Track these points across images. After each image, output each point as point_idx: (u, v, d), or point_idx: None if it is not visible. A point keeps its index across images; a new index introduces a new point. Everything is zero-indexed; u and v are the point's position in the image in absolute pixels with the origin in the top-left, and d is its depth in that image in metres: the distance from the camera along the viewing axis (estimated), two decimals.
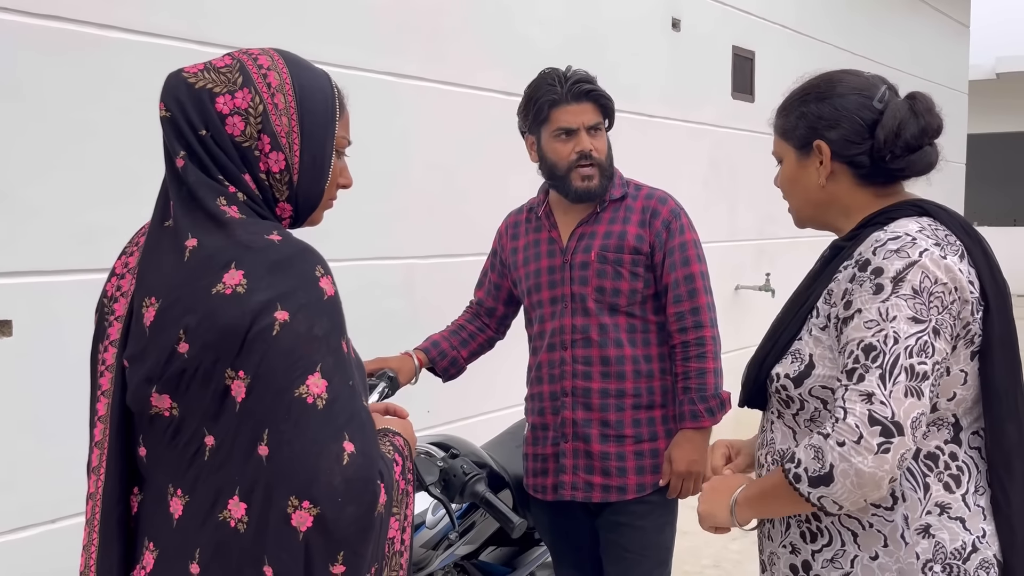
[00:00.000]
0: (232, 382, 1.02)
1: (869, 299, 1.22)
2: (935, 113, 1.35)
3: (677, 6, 4.57)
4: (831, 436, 1.19)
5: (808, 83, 1.41)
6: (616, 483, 2.02)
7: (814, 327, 1.32)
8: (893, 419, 1.17)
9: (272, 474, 1.00)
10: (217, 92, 1.09)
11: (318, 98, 1.16)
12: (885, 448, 1.16)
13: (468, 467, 1.60)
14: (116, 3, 2.36)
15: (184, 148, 1.09)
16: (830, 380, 1.29)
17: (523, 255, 2.14)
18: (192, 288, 1.03)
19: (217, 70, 1.11)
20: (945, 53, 8.18)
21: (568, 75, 2.02)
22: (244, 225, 1.07)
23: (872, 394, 1.18)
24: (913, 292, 1.20)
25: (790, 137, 1.39)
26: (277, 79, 1.12)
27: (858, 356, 1.21)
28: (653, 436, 2.04)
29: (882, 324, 1.20)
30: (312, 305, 1.03)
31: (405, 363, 2.08)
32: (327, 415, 1.00)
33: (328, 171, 1.18)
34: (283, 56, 1.16)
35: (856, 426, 1.17)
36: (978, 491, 1.29)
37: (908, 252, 1.22)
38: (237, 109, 1.09)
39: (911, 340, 1.19)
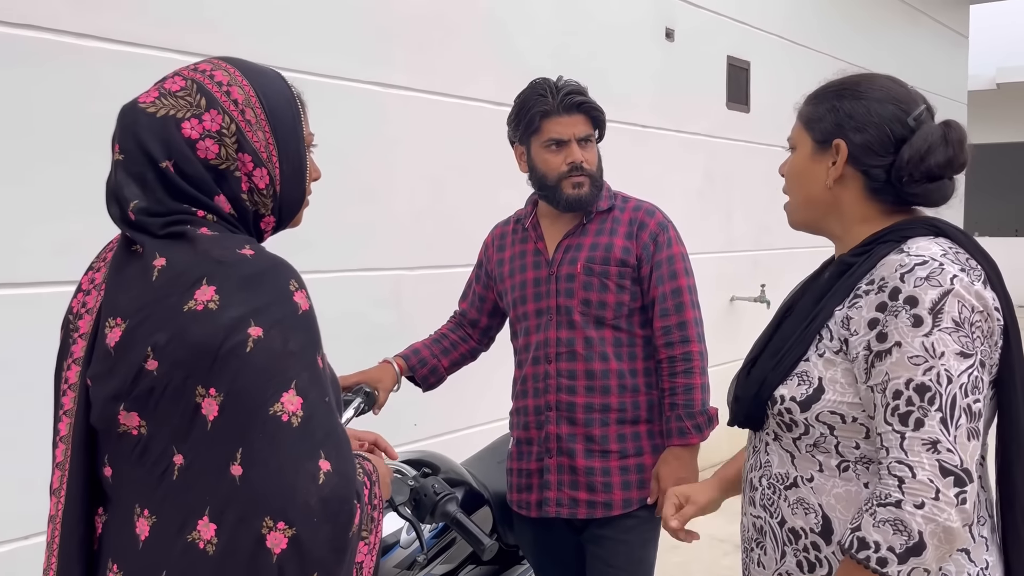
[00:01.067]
0: (203, 400, 0.99)
1: (909, 332, 1.15)
2: (965, 148, 1.27)
3: (671, 16, 4.55)
4: (905, 500, 1.11)
5: (848, 78, 1.34)
6: (602, 499, 2.00)
7: (826, 350, 1.25)
8: (963, 467, 1.12)
9: (246, 494, 0.97)
10: (181, 117, 1.06)
11: (283, 103, 1.14)
12: (963, 499, 1.11)
13: (440, 487, 1.56)
14: (94, 12, 2.34)
15: (138, 193, 1.05)
16: (840, 406, 1.23)
17: (509, 267, 2.12)
18: (162, 306, 1.01)
19: (174, 95, 1.08)
20: (944, 63, 8.15)
21: (560, 86, 2.00)
22: (214, 240, 1.05)
23: (937, 441, 1.12)
24: (955, 324, 1.15)
25: (812, 127, 1.31)
26: (241, 94, 1.10)
27: (911, 397, 1.14)
28: (638, 451, 2.01)
29: (931, 361, 1.14)
30: (286, 320, 1.01)
31: (385, 372, 2.05)
32: (303, 433, 0.98)
33: (307, 173, 1.17)
34: (237, 66, 1.13)
35: (931, 481, 1.11)
36: (980, 521, 1.24)
37: (939, 279, 1.16)
38: (208, 132, 1.07)
39: (964, 378, 1.14)
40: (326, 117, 2.93)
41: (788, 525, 1.29)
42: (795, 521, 1.28)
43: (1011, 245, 13.77)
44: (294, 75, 2.78)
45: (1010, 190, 14.61)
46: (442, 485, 1.57)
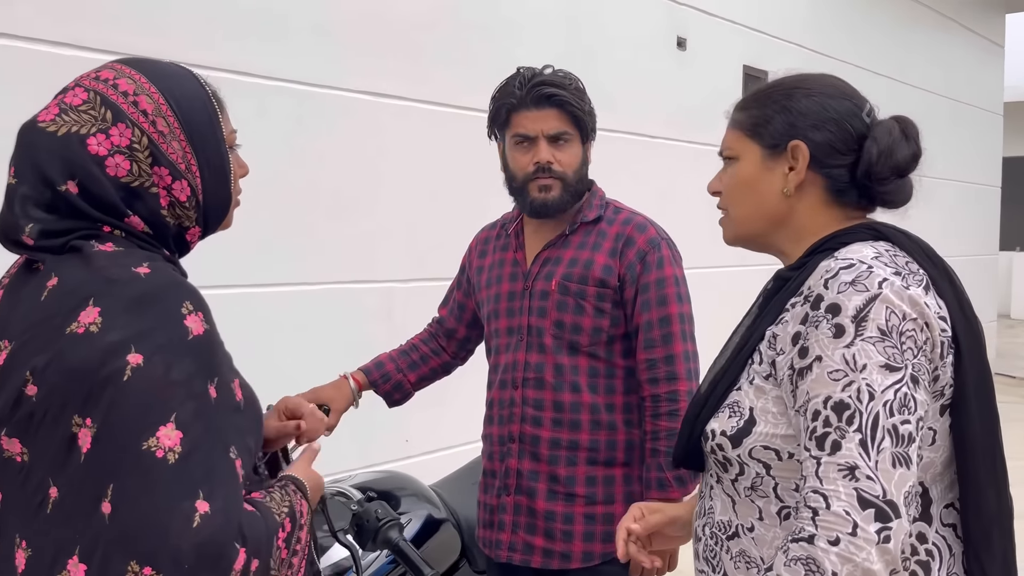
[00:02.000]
0: (79, 430, 0.93)
1: (829, 344, 1.02)
2: (920, 142, 1.18)
3: (683, 24, 4.45)
4: (818, 536, 0.97)
5: (787, 78, 1.22)
6: (560, 548, 1.80)
7: (756, 375, 1.12)
8: (886, 498, 0.97)
9: (113, 534, 0.91)
10: (86, 133, 1.00)
11: (197, 105, 1.07)
12: (886, 536, 0.96)
13: (383, 512, 1.49)
14: (70, 20, 2.32)
15: (37, 217, 0.99)
16: (773, 440, 1.09)
17: (487, 276, 1.95)
18: (45, 327, 0.95)
19: (76, 109, 1.01)
20: (978, 73, 7.94)
21: (531, 76, 1.80)
22: (112, 257, 0.99)
23: (855, 467, 0.97)
24: (881, 333, 1.01)
25: (759, 131, 1.18)
26: (150, 103, 1.03)
27: (828, 417, 1.00)
28: (609, 498, 1.80)
29: (851, 375, 1.00)
30: (172, 346, 0.94)
31: (340, 390, 1.91)
32: (179, 471, 0.91)
33: (231, 177, 1.11)
34: (143, 71, 1.06)
35: (846, 513, 0.96)
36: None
37: (865, 283, 1.03)
38: (117, 148, 1.01)
39: (889, 394, 1.00)
40: (316, 126, 2.89)
41: None
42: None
43: None
44: (288, 85, 2.81)
45: None
46: (386, 510, 1.50)
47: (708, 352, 1.99)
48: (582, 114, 1.81)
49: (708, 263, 4.60)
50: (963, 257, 7.62)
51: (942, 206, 7.09)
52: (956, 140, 7.38)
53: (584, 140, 1.85)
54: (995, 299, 8.75)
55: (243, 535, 0.95)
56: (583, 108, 1.81)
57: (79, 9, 2.33)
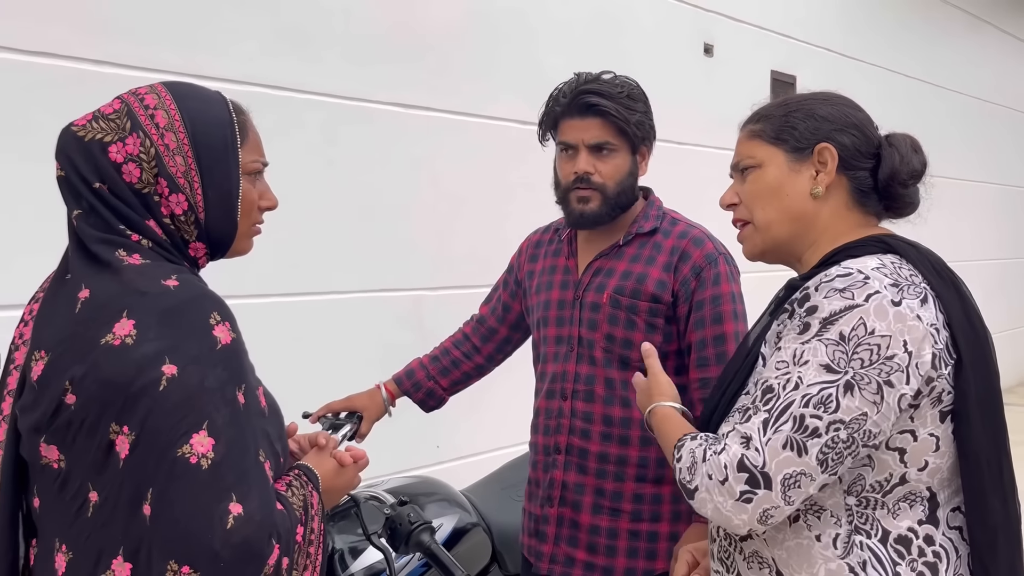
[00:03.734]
0: (117, 437, 0.98)
1: (792, 339, 1.10)
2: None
3: (710, 31, 4.46)
4: (705, 463, 1.11)
5: (799, 94, 1.30)
6: (602, 563, 1.76)
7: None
8: (763, 469, 1.06)
9: (154, 536, 0.96)
10: (108, 141, 1.07)
11: (213, 129, 1.11)
12: (747, 498, 1.06)
13: (415, 515, 1.52)
14: (110, 39, 2.39)
15: (78, 206, 1.07)
16: None
17: (537, 281, 1.90)
18: (81, 339, 1.00)
19: (106, 118, 1.08)
20: (1012, 74, 7.83)
21: (578, 83, 1.76)
22: (141, 271, 1.04)
23: (750, 438, 1.08)
24: (839, 338, 1.06)
25: (783, 138, 1.23)
26: (165, 118, 1.09)
27: (756, 396, 1.11)
28: (655, 516, 1.75)
29: (791, 368, 1.08)
30: (203, 357, 0.99)
31: (374, 399, 1.93)
32: (212, 476, 0.96)
33: (238, 202, 1.14)
34: (171, 90, 1.12)
35: (725, 467, 1.08)
36: None
37: (853, 293, 1.08)
38: (130, 156, 1.06)
39: (813, 390, 1.06)
40: (347, 138, 2.94)
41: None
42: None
43: None
44: (318, 98, 2.86)
45: None
46: (418, 514, 1.53)
47: None
48: (626, 124, 1.74)
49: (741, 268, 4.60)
50: (998, 261, 7.51)
51: (977, 209, 7.00)
52: (990, 142, 7.28)
53: (634, 151, 1.79)
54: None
55: (277, 532, 0.99)
56: (628, 118, 1.74)
57: (115, 28, 2.40)
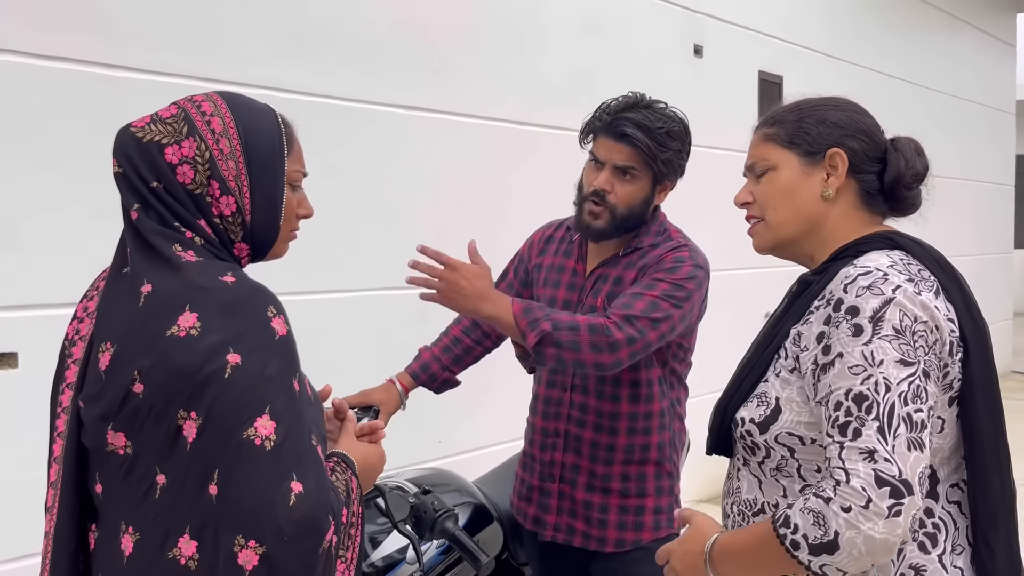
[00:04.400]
0: (184, 422, 1.04)
1: (849, 342, 1.15)
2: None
3: (699, 32, 4.55)
4: (834, 501, 1.09)
5: (808, 100, 1.36)
6: (596, 533, 1.95)
7: (782, 369, 1.25)
8: (901, 477, 1.08)
9: (221, 513, 1.03)
10: (165, 143, 1.13)
11: (263, 138, 1.18)
12: (896, 511, 1.07)
13: (439, 504, 1.59)
14: (123, 44, 2.44)
15: (138, 201, 1.13)
16: (797, 426, 1.22)
17: (545, 275, 2.04)
18: (147, 331, 1.06)
19: (163, 121, 1.15)
20: (990, 73, 7.99)
21: (620, 107, 1.87)
22: (199, 268, 1.10)
23: (874, 451, 1.09)
24: (896, 332, 1.13)
25: (796, 142, 1.30)
26: (221, 124, 1.15)
27: (849, 408, 1.12)
28: (641, 492, 1.94)
29: (870, 369, 1.12)
30: (264, 346, 1.06)
31: (389, 393, 2.03)
32: (275, 456, 1.02)
33: (281, 208, 1.21)
34: (226, 100, 1.19)
35: (863, 489, 1.07)
36: (955, 550, 1.21)
37: (881, 288, 1.16)
38: (185, 158, 1.13)
39: (904, 386, 1.12)
40: (350, 140, 3.00)
41: None
42: None
43: None
44: (323, 100, 2.92)
45: None
46: (441, 503, 1.60)
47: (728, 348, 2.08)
48: (653, 160, 1.84)
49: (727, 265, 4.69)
50: (979, 256, 7.67)
51: (957, 206, 7.15)
52: (970, 140, 7.43)
53: (656, 181, 1.89)
54: (1011, 297, 8.79)
55: (332, 510, 1.06)
56: (657, 155, 1.83)
57: (128, 33, 2.45)
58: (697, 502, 4.55)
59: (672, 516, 1.99)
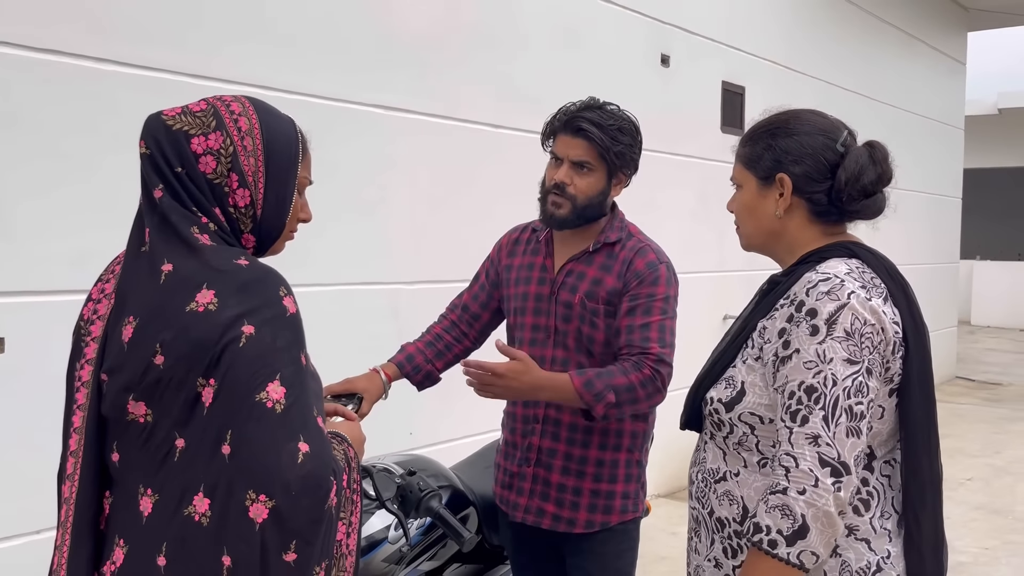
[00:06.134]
0: (203, 389, 1.13)
1: (806, 340, 1.31)
2: (889, 163, 1.45)
3: (667, 43, 4.70)
4: (790, 487, 1.25)
5: (775, 117, 1.49)
6: (566, 515, 2.06)
7: (749, 357, 1.41)
8: (840, 459, 1.25)
9: (233, 470, 1.11)
10: (192, 134, 1.22)
11: (283, 142, 1.28)
12: (838, 488, 1.25)
13: (424, 484, 1.68)
14: (112, 38, 2.49)
15: (162, 181, 1.21)
16: (758, 407, 1.37)
17: (515, 275, 2.16)
18: (168, 307, 1.14)
19: (193, 114, 1.24)
20: (941, 90, 8.29)
21: (578, 108, 2.03)
22: (215, 251, 1.19)
23: (818, 436, 1.26)
24: (846, 334, 1.29)
25: (754, 166, 1.46)
26: (247, 124, 1.25)
27: (801, 397, 1.29)
28: (612, 478, 2.06)
29: (820, 366, 1.28)
30: (276, 320, 1.15)
31: (373, 382, 2.09)
32: (284, 418, 1.11)
33: (289, 208, 1.31)
34: (254, 104, 1.28)
35: (810, 470, 1.25)
36: (884, 515, 1.37)
37: (838, 294, 1.31)
38: (210, 150, 1.22)
39: (848, 381, 1.28)
40: (329, 137, 3.08)
41: (716, 515, 1.44)
42: (721, 511, 1.43)
43: (1014, 269, 13.86)
44: (300, 98, 2.99)
45: (1012, 215, 14.71)
46: (426, 483, 1.69)
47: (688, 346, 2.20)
48: (606, 152, 2.00)
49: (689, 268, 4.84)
50: (926, 265, 7.95)
51: (908, 217, 7.40)
52: (920, 153, 7.71)
53: (611, 174, 2.04)
54: (956, 306, 9.10)
55: (335, 471, 1.15)
56: (610, 147, 1.99)
57: (117, 29, 2.50)
58: (656, 496, 4.69)
59: (637, 500, 2.12)
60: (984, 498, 5.01)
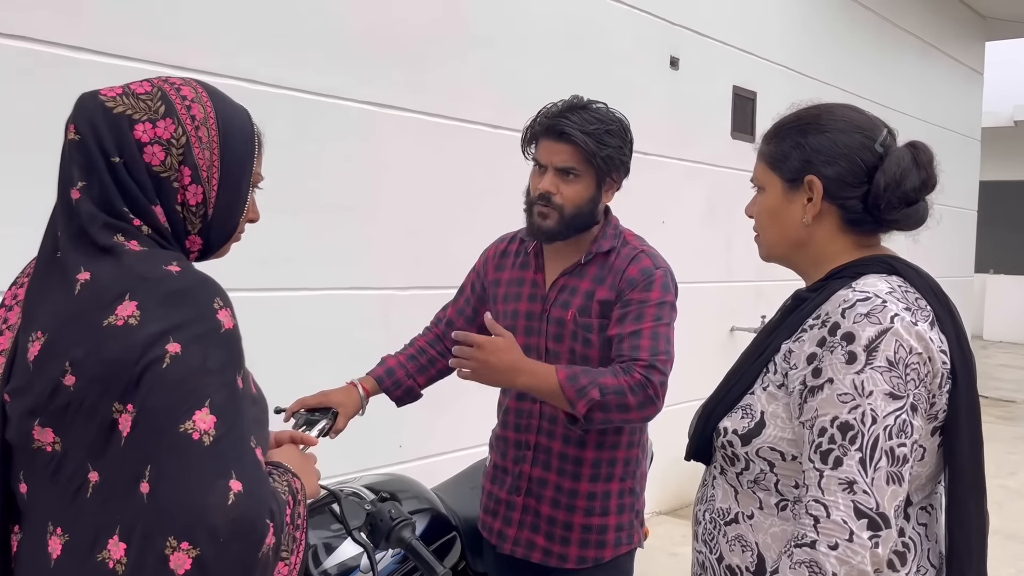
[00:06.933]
0: (120, 415, 0.98)
1: (841, 368, 1.13)
2: (935, 167, 1.26)
3: (676, 45, 4.55)
4: (820, 540, 1.09)
5: (805, 111, 1.31)
6: (557, 550, 1.92)
7: (770, 383, 1.23)
8: (879, 510, 1.09)
9: (152, 513, 0.95)
10: (137, 119, 1.07)
11: (240, 135, 1.14)
12: (876, 543, 1.08)
13: (396, 512, 1.54)
14: (87, 24, 2.36)
15: (84, 178, 1.05)
16: (780, 442, 1.20)
17: (504, 290, 2.01)
18: (82, 321, 1.00)
19: (137, 96, 1.08)
20: (958, 99, 8.12)
21: (560, 109, 1.86)
22: (141, 256, 1.04)
23: (854, 482, 1.09)
24: (888, 364, 1.12)
25: (779, 167, 1.29)
26: (201, 112, 1.10)
27: (833, 435, 1.11)
28: (604, 511, 1.92)
29: (858, 399, 1.11)
30: (207, 337, 1.00)
31: (350, 395, 1.95)
32: (213, 452, 0.96)
33: (243, 207, 1.17)
34: (206, 89, 1.14)
35: (844, 522, 1.08)
36: (920, 570, 1.20)
37: (879, 317, 1.14)
38: (158, 138, 1.07)
39: (890, 419, 1.11)
40: (316, 134, 2.94)
41: (725, 562, 1.27)
42: (732, 558, 1.26)
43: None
44: (292, 93, 2.85)
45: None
46: (399, 511, 1.54)
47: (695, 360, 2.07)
48: (593, 157, 1.83)
49: (696, 278, 4.69)
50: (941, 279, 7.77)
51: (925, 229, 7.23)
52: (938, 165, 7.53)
53: (599, 180, 1.87)
54: (969, 320, 8.93)
55: (271, 512, 1.00)
56: (597, 152, 1.82)
57: (95, 15, 2.37)
58: (657, 513, 4.53)
59: (632, 531, 1.97)
60: (997, 522, 4.80)
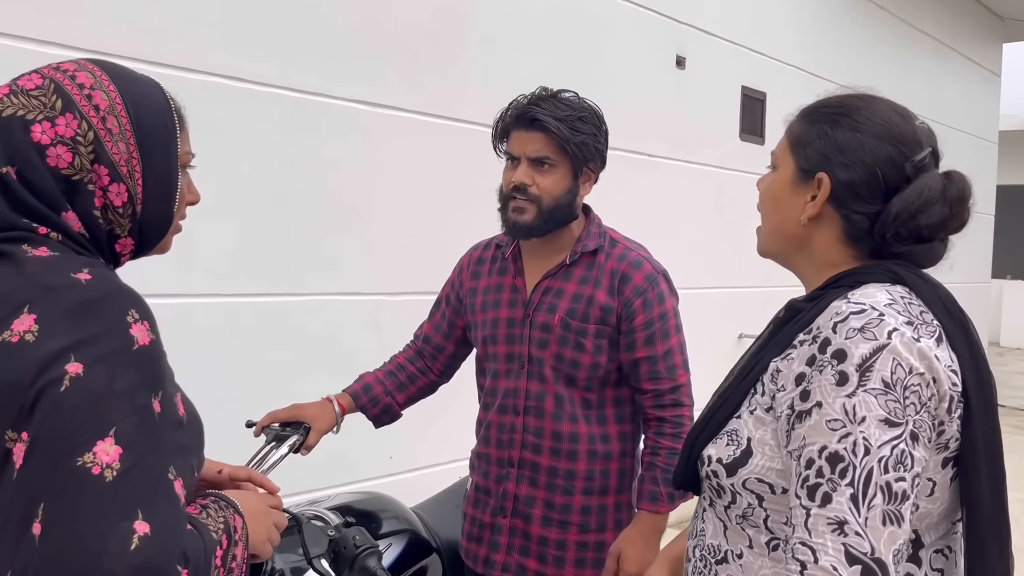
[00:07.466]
0: (14, 445, 0.86)
1: (831, 391, 0.99)
2: (967, 207, 1.10)
3: (682, 44, 4.43)
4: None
5: (850, 99, 1.16)
6: (551, 572, 1.82)
7: (758, 406, 1.10)
8: (874, 555, 0.94)
9: (42, 559, 0.83)
10: (31, 119, 0.96)
11: (154, 114, 1.02)
12: None
13: (362, 538, 1.43)
14: (64, 20, 2.27)
15: None
16: (768, 473, 1.06)
17: (482, 299, 1.92)
18: None
19: (27, 93, 0.97)
20: (975, 102, 7.95)
21: (530, 98, 1.80)
22: (47, 263, 0.93)
23: (845, 522, 0.95)
24: (884, 386, 0.97)
25: (799, 150, 1.15)
26: (105, 99, 0.99)
27: (821, 468, 0.97)
28: (601, 527, 1.83)
29: (848, 427, 0.97)
30: (115, 356, 0.88)
31: (324, 411, 1.85)
32: (116, 489, 0.85)
33: (176, 194, 1.05)
34: (105, 69, 1.02)
35: (834, 568, 0.94)
36: None
37: (874, 332, 0.99)
38: (60, 138, 0.96)
39: (886, 450, 0.96)
40: (307, 134, 2.84)
41: None
42: None
43: None
44: (283, 92, 2.76)
45: None
46: (364, 537, 1.44)
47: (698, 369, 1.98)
48: (567, 144, 1.75)
49: (703, 284, 4.57)
50: (957, 285, 7.61)
51: None
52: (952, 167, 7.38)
53: (575, 169, 1.80)
54: (986, 327, 8.75)
55: (185, 556, 0.89)
56: (570, 138, 1.75)
57: (77, 10, 2.29)
58: None
59: None
60: (1018, 539, 4.67)
